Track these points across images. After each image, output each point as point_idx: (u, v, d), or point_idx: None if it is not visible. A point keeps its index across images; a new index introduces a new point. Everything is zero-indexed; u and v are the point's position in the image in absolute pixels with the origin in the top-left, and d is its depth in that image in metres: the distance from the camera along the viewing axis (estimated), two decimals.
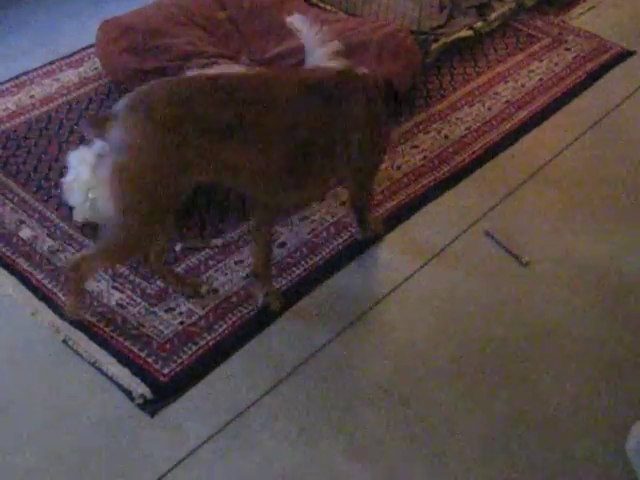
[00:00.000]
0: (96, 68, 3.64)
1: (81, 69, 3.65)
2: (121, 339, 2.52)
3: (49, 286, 2.68)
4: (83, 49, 3.77)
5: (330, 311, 2.68)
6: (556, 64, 3.87)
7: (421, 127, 3.41)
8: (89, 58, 3.71)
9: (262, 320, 2.61)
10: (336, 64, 2.61)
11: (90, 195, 2.76)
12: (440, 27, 3.89)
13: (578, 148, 3.41)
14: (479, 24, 3.95)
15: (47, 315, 2.60)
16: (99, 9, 3.82)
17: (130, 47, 3.43)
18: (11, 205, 2.97)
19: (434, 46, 3.73)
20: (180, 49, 3.40)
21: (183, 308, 2.62)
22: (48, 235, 2.85)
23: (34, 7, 4.16)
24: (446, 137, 3.37)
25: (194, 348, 2.51)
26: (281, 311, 2.64)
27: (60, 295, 2.63)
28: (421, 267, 2.83)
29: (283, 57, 3.44)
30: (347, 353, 2.55)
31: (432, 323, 2.66)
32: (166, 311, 2.62)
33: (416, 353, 2.57)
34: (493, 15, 4.04)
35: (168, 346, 2.51)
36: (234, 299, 2.65)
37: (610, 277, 2.85)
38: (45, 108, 3.41)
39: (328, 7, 3.96)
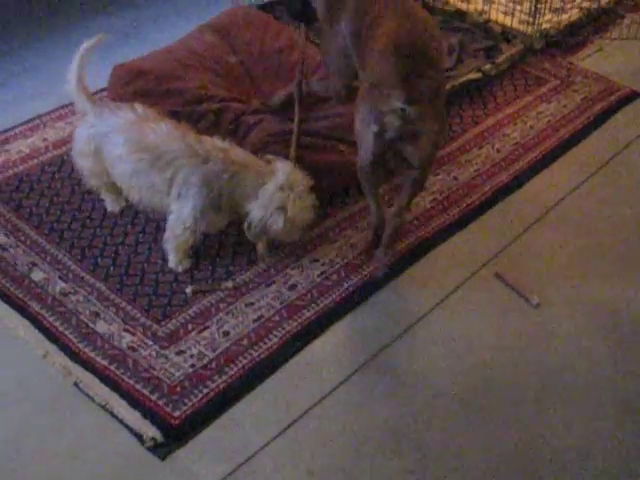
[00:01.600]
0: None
1: None
2: (132, 382, 2.53)
3: (60, 328, 2.69)
4: (95, 93, 3.79)
5: (341, 353, 2.68)
6: (564, 106, 3.90)
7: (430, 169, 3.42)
8: (101, 102, 3.74)
9: (273, 363, 2.61)
10: None
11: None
12: (449, 70, 3.92)
13: (587, 189, 3.42)
14: (488, 66, 3.99)
15: (58, 357, 2.61)
16: (111, 53, 3.86)
17: (142, 91, 3.47)
18: (23, 247, 2.99)
19: None
20: (191, 93, 3.43)
21: (194, 351, 2.63)
22: (60, 277, 2.87)
23: (47, 51, 4.21)
24: (455, 179, 3.38)
25: (205, 391, 2.51)
26: (291, 354, 2.64)
27: (72, 337, 2.64)
28: (432, 309, 2.84)
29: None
30: (358, 395, 2.55)
31: (443, 365, 2.66)
32: (177, 354, 2.62)
33: (426, 395, 2.56)
34: (501, 57, 4.07)
35: (179, 389, 2.51)
36: (245, 342, 2.66)
37: (621, 318, 2.85)
38: (58, 151, 3.45)
39: None
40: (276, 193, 2.78)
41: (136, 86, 3.49)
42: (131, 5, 4.66)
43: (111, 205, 3.15)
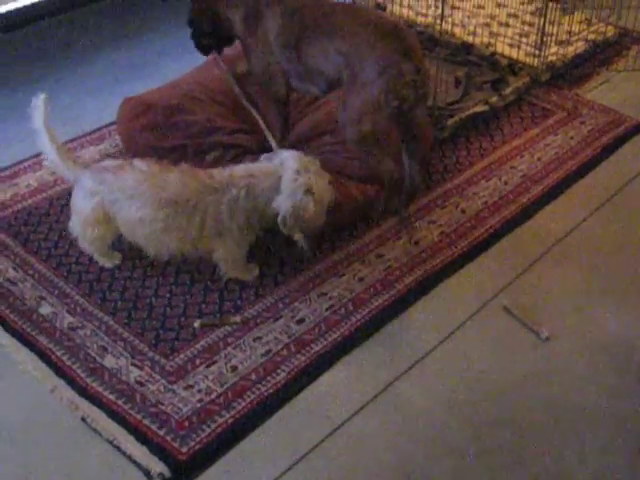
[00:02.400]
0: (116, 145, 3.70)
1: (102, 146, 3.71)
2: (140, 417, 2.52)
3: (68, 363, 2.68)
4: (104, 126, 3.84)
5: (349, 387, 2.67)
6: (571, 137, 3.91)
7: (438, 202, 3.43)
8: (110, 135, 3.77)
9: (281, 398, 2.60)
10: None
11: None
12: (456, 102, 3.94)
13: (595, 221, 3.41)
14: (494, 99, 4.00)
15: (66, 392, 2.60)
16: (120, 87, 3.90)
17: (150, 124, 3.49)
18: (32, 281, 2.99)
19: (450, 121, 3.78)
20: (200, 126, 3.46)
21: (202, 385, 2.62)
22: (68, 311, 2.87)
23: (58, 85, 4.25)
24: (463, 212, 3.38)
25: (213, 426, 2.50)
26: (300, 389, 2.63)
27: (79, 372, 2.64)
28: (440, 343, 2.83)
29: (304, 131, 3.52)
30: (366, 431, 2.53)
31: (451, 399, 2.65)
32: (185, 389, 2.61)
33: (435, 429, 2.55)
34: (508, 90, 4.08)
35: (187, 424, 2.50)
36: (253, 377, 2.65)
37: (632, 351, 2.83)
38: (66, 185, 3.44)
39: None
40: (297, 179, 2.78)
41: (145, 120, 3.52)
42: (138, 39, 4.70)
43: (109, 262, 3.06)
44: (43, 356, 2.72)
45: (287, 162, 2.82)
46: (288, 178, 2.79)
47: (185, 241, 2.87)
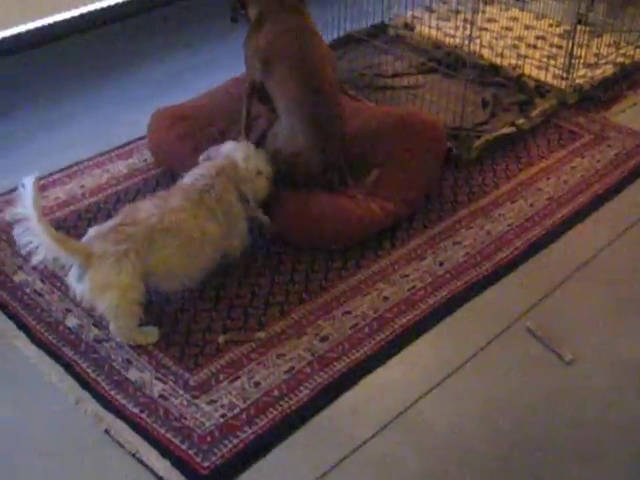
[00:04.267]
0: (145, 160, 3.73)
1: (131, 160, 3.74)
2: (163, 430, 2.53)
3: (93, 375, 2.70)
4: (134, 141, 3.87)
5: (372, 406, 2.67)
6: (598, 161, 3.90)
7: (463, 223, 3.43)
8: (139, 150, 3.81)
9: (303, 415, 2.60)
10: None
11: None
12: (483, 124, 3.95)
13: (621, 245, 3.40)
14: (521, 121, 4.00)
15: (90, 404, 2.62)
16: (154, 102, 3.93)
17: (182, 134, 3.53)
18: (58, 294, 3.02)
19: (477, 143, 3.79)
20: (232, 135, 3.49)
21: (225, 401, 2.63)
22: (94, 324, 2.89)
23: (90, 98, 4.30)
24: (488, 233, 3.38)
25: (235, 442, 2.50)
26: (322, 406, 2.63)
27: (104, 384, 2.66)
28: (463, 364, 2.82)
29: None
30: (388, 451, 2.53)
31: (474, 420, 2.64)
32: (208, 403, 2.62)
33: (458, 452, 2.54)
34: (535, 112, 4.08)
35: (209, 439, 2.51)
36: (275, 393, 2.65)
37: None
38: (94, 198, 3.49)
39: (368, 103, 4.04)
40: (248, 166, 3.07)
41: (177, 130, 3.56)
42: (169, 56, 4.74)
43: (151, 338, 2.85)
44: (68, 368, 2.74)
45: (233, 153, 3.10)
46: (243, 167, 3.06)
47: (217, 247, 2.96)
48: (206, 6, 5.20)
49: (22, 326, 2.90)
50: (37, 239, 2.64)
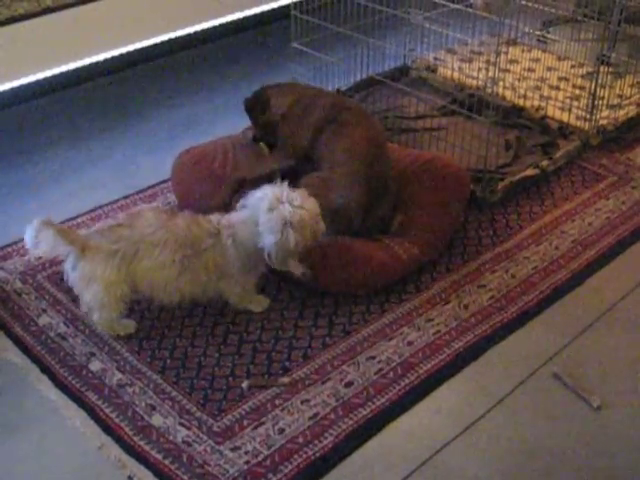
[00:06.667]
0: (169, 203, 3.75)
1: (154, 203, 3.76)
2: (186, 477, 2.51)
3: (116, 420, 2.69)
4: (157, 184, 3.89)
5: (397, 453, 2.64)
6: (623, 202, 3.88)
7: (488, 266, 3.42)
8: (162, 193, 3.83)
9: (328, 462, 2.57)
10: None
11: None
12: (506, 165, 3.94)
13: None
14: (545, 162, 3.99)
15: (113, 449, 2.61)
16: (174, 145, 3.96)
17: (205, 175, 3.55)
18: (82, 337, 3.02)
19: (500, 185, 3.78)
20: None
21: (249, 447, 2.61)
22: (117, 369, 2.89)
23: (115, 141, 4.35)
24: (513, 276, 3.36)
25: None
26: (346, 454, 2.60)
27: (127, 430, 2.65)
28: (489, 410, 2.79)
29: None
30: None
31: (501, 467, 2.60)
32: (232, 450, 2.60)
33: None
34: (559, 153, 4.08)
35: None
36: (300, 440, 2.63)
37: None
38: None
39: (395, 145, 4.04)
40: (271, 217, 2.83)
41: (199, 171, 3.58)
42: (190, 99, 4.79)
43: (129, 329, 3.04)
44: (91, 412, 2.73)
45: (259, 203, 2.87)
46: (263, 220, 2.84)
47: (196, 284, 2.95)
48: (223, 50, 5.27)
49: (45, 369, 2.90)
50: (41, 233, 2.85)
